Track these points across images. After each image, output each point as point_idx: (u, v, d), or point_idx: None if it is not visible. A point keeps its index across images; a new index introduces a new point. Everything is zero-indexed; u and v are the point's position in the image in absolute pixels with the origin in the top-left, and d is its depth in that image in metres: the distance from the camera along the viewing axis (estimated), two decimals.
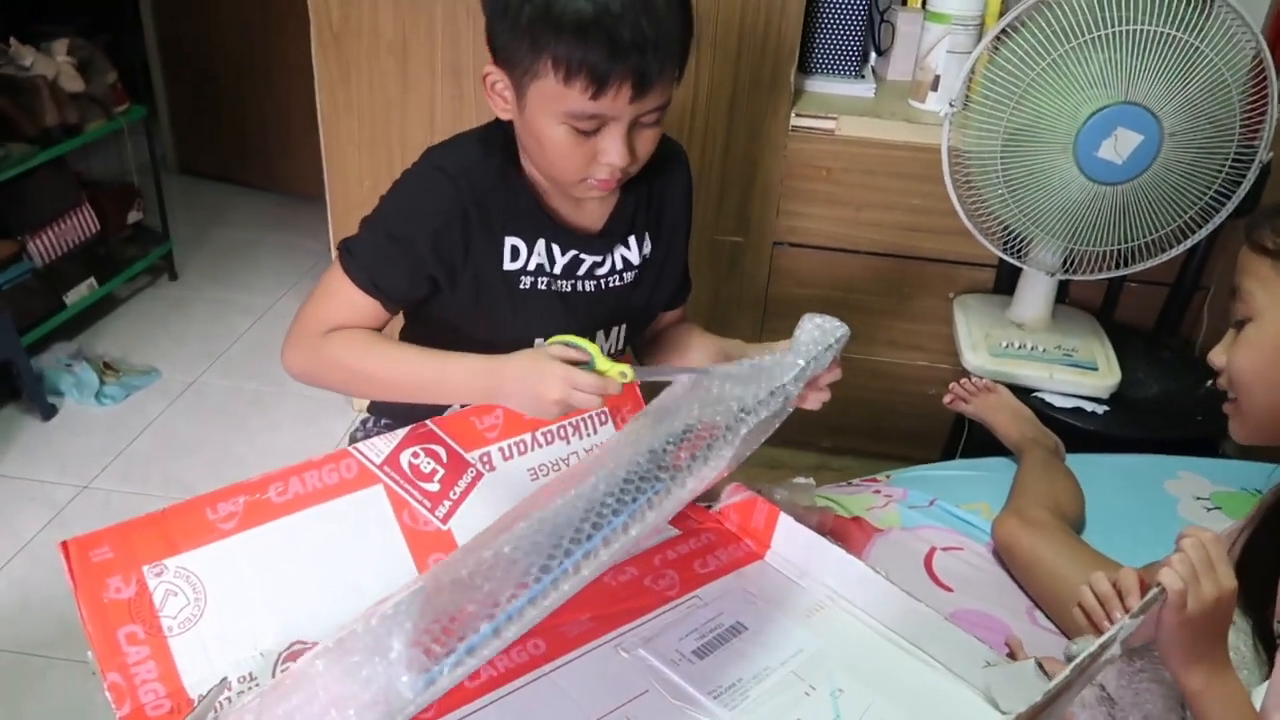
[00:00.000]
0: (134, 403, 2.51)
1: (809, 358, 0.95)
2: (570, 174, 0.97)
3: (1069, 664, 0.71)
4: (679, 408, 0.90)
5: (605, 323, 1.13)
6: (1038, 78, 1.47)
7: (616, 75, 0.88)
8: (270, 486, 0.94)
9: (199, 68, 3.65)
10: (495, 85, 0.97)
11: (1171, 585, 0.75)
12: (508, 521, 0.81)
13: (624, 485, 0.78)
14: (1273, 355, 0.86)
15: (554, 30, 0.87)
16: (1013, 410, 1.49)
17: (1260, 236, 0.88)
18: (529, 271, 1.05)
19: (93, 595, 0.86)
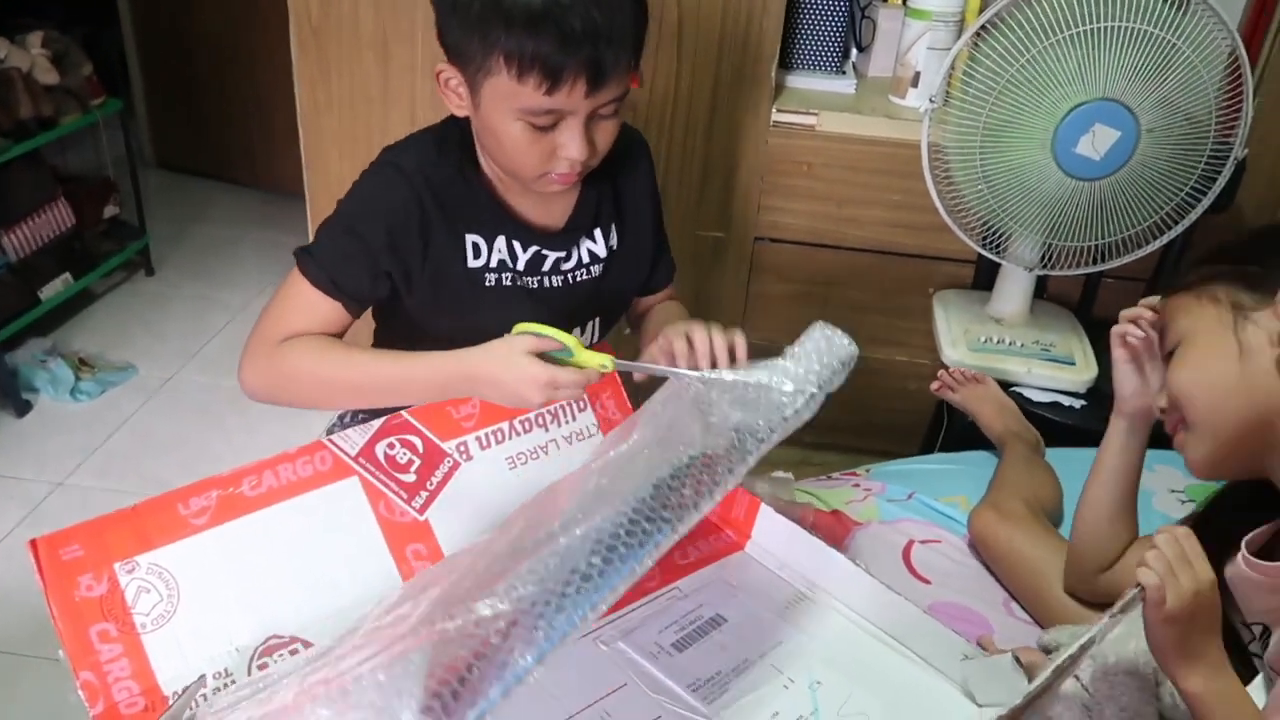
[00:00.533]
0: (110, 399, 2.49)
1: (821, 382, 0.95)
2: (529, 169, 0.97)
3: (1045, 655, 0.71)
4: (682, 429, 0.89)
5: (579, 317, 1.12)
6: (1017, 74, 1.47)
7: (570, 69, 0.87)
8: (243, 480, 0.93)
9: (177, 61, 3.61)
10: (449, 82, 0.96)
11: (1148, 582, 0.75)
12: (504, 546, 0.81)
13: (630, 526, 0.77)
14: (1207, 360, 0.88)
15: (504, 25, 0.86)
16: (998, 403, 1.50)
17: (1181, 283, 0.94)
18: (492, 268, 1.04)
19: (63, 594, 0.85)
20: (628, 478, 0.81)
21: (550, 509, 0.83)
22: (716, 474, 0.83)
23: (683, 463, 0.82)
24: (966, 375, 1.55)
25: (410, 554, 0.99)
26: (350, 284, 1.00)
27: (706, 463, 0.82)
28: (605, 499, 0.79)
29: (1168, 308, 0.95)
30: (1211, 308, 0.90)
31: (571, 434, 1.15)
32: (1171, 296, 0.95)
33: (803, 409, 0.92)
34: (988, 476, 1.32)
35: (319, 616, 0.91)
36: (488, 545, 0.84)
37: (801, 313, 2.11)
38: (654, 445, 0.87)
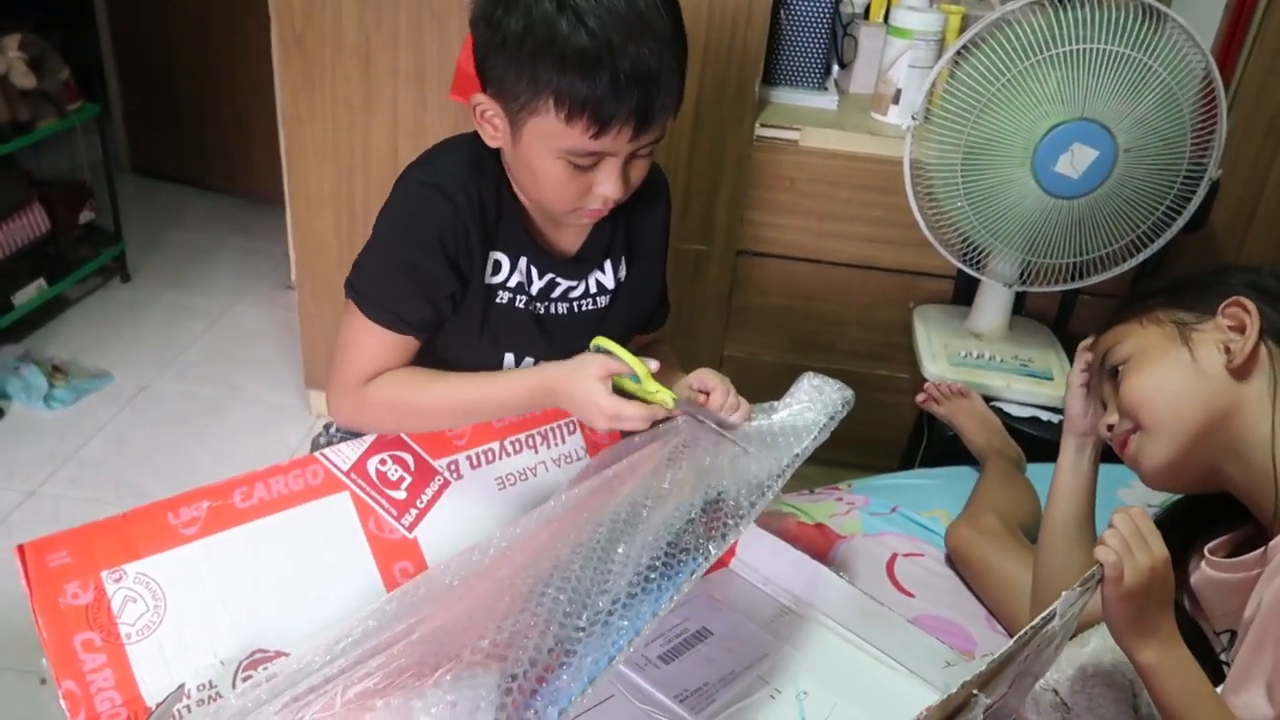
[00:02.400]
0: (84, 407, 2.46)
1: (818, 428, 1.00)
2: (563, 205, 0.96)
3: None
4: (698, 465, 0.92)
5: (578, 345, 1.10)
6: (997, 93, 1.50)
7: (620, 116, 0.87)
8: (235, 491, 0.93)
9: (155, 66, 3.58)
10: (486, 114, 0.95)
11: (1106, 559, 0.78)
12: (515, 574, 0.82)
13: (667, 556, 0.81)
14: (1161, 367, 0.91)
15: (556, 67, 0.85)
16: (982, 417, 1.52)
17: (1111, 319, 0.98)
18: (508, 288, 1.03)
19: (49, 601, 0.84)
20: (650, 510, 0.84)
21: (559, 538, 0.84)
22: (734, 519, 0.87)
23: (698, 503, 0.86)
24: (952, 388, 1.57)
25: (398, 571, 0.99)
26: (415, 315, 0.98)
27: (725, 508, 0.87)
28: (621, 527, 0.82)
29: (1107, 338, 0.98)
30: (1155, 327, 0.93)
31: (560, 456, 1.15)
32: (1109, 330, 0.98)
33: (802, 454, 0.98)
34: (969, 491, 1.33)
35: (305, 631, 0.91)
36: (491, 574, 0.84)
37: (783, 326, 2.14)
38: (668, 474, 0.90)
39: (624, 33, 0.85)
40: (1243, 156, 1.84)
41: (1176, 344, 0.91)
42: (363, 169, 2.08)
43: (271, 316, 2.92)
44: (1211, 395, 0.88)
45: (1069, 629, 0.87)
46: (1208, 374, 0.89)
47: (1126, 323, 0.96)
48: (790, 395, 1.05)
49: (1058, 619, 0.75)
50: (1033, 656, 0.81)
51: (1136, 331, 0.94)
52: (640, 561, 0.79)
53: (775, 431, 1.00)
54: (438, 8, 1.91)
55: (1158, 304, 0.95)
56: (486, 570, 0.86)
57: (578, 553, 0.81)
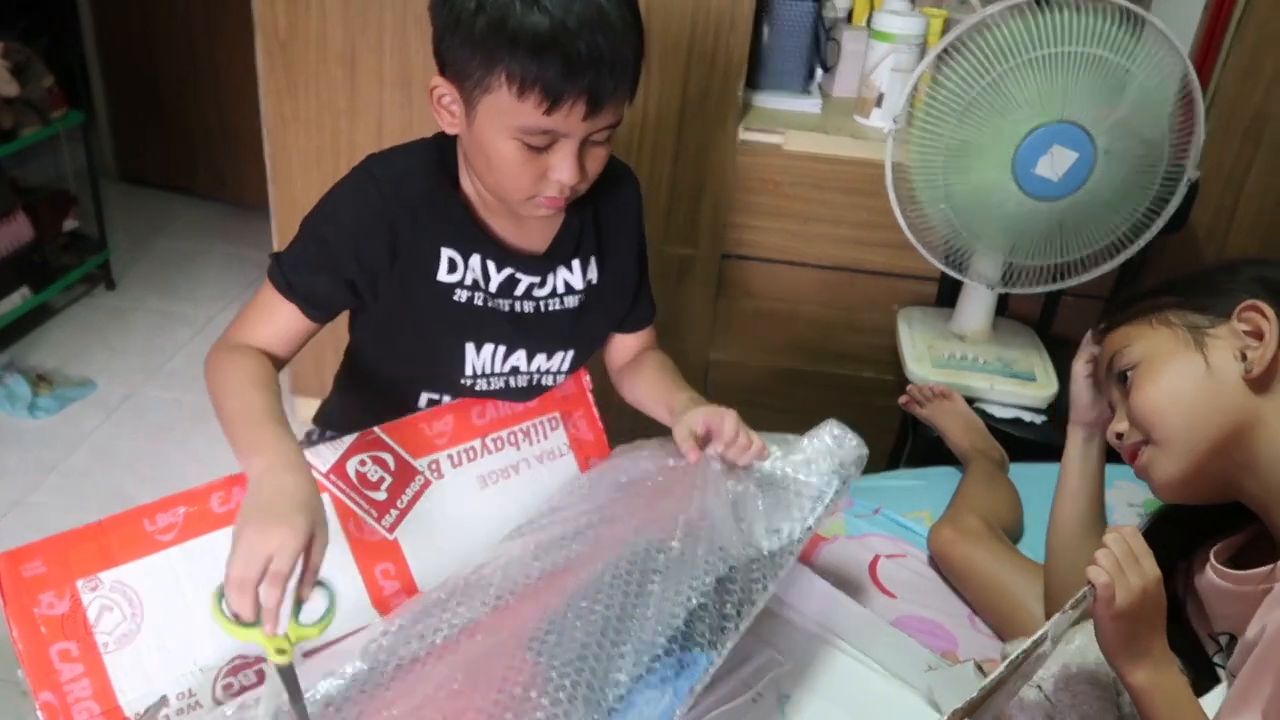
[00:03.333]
0: (69, 415, 2.45)
1: (831, 491, 1.00)
2: (519, 191, 0.96)
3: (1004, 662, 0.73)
4: (710, 522, 0.91)
5: (549, 346, 1.11)
6: (978, 96, 1.50)
7: (571, 92, 0.87)
8: (212, 496, 0.93)
9: (140, 73, 3.58)
10: (442, 99, 0.95)
11: (1098, 580, 0.78)
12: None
13: (680, 649, 0.82)
14: (1173, 375, 0.87)
15: (509, 44, 0.86)
16: (964, 418, 1.52)
17: (1119, 318, 0.94)
18: (464, 285, 1.04)
19: (23, 611, 0.84)
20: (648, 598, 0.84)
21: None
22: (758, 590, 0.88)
23: (722, 574, 0.87)
24: (934, 390, 1.57)
25: (379, 573, 0.99)
26: (308, 289, 0.99)
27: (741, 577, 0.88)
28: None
29: (1114, 338, 0.94)
30: (1166, 330, 0.89)
31: (543, 453, 1.15)
32: (1118, 328, 0.94)
33: (822, 516, 0.98)
34: (952, 492, 1.34)
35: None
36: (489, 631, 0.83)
37: (769, 329, 2.14)
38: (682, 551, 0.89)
39: (579, 17, 0.86)
40: (1222, 158, 1.85)
41: (1190, 350, 0.87)
42: None
43: None
44: (1228, 407, 0.84)
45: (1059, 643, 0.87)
46: (1223, 384, 0.85)
47: (1135, 323, 0.92)
48: (810, 438, 1.05)
49: (1049, 642, 0.76)
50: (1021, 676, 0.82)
51: (1146, 334, 0.90)
52: (651, 642, 0.80)
53: (787, 483, 0.99)
54: (421, 13, 1.90)
55: (1169, 304, 0.90)
56: (483, 626, 0.85)
57: (583, 626, 0.80)
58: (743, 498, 0.97)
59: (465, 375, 1.08)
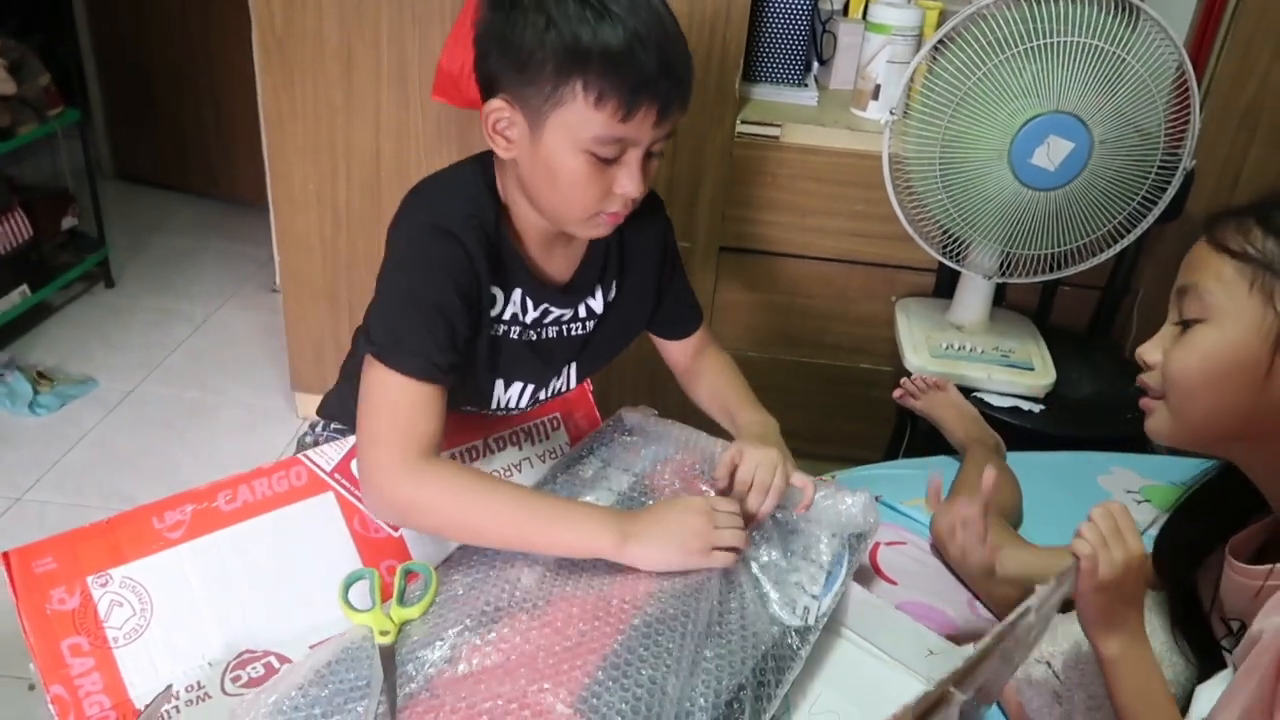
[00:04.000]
0: (69, 413, 2.45)
1: (842, 569, 1.00)
2: (584, 209, 0.95)
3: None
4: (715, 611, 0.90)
5: (559, 365, 1.11)
6: (974, 87, 1.51)
7: (645, 98, 0.88)
8: (219, 495, 0.93)
9: (136, 70, 3.57)
10: (498, 124, 0.93)
11: (1082, 552, 0.80)
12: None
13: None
14: (1226, 363, 0.79)
15: (584, 55, 0.86)
16: (959, 408, 1.53)
17: (1224, 236, 0.80)
18: (504, 320, 1.02)
19: (35, 607, 0.84)
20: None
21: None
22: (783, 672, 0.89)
23: (757, 659, 0.87)
24: (928, 382, 1.58)
25: (384, 570, 0.99)
26: (448, 360, 0.93)
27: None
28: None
29: (1201, 261, 0.82)
30: (1259, 306, 0.78)
31: (545, 452, 1.16)
32: (1213, 250, 0.81)
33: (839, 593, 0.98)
34: (950, 481, 1.35)
35: (293, 632, 0.92)
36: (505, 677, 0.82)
37: (767, 321, 2.15)
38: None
39: (647, 26, 0.87)
40: (1217, 147, 1.86)
41: (1264, 345, 0.77)
42: (345, 170, 2.08)
43: (256, 320, 2.91)
44: (1258, 415, 0.79)
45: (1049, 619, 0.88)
46: (1270, 396, 0.78)
47: (1245, 261, 0.78)
48: (833, 497, 1.05)
49: (1033, 614, 0.77)
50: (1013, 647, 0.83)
51: (1239, 292, 0.78)
52: None
53: (799, 549, 1.00)
54: (419, 9, 1.91)
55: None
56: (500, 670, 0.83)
57: (630, 696, 0.79)
58: (762, 554, 0.98)
59: (489, 408, 1.09)
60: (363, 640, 0.83)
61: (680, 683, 0.81)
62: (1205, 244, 0.82)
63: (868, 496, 1.06)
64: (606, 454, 1.11)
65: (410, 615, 0.87)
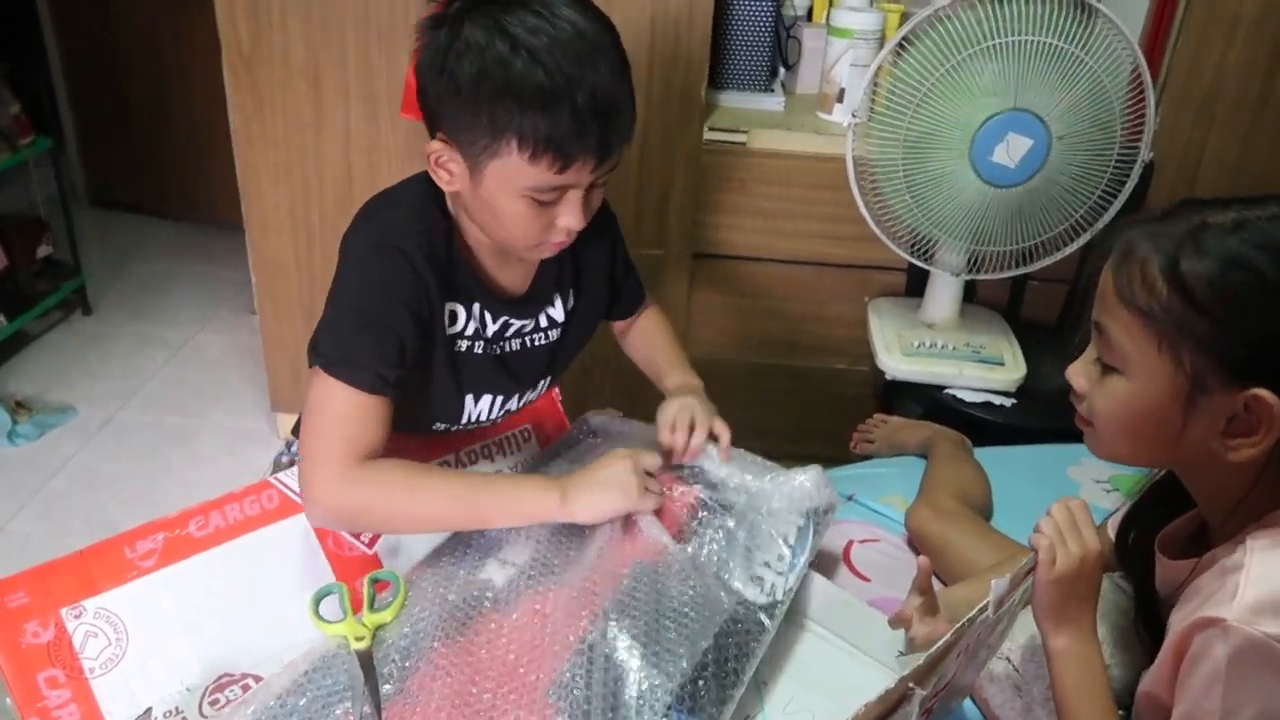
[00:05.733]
0: (49, 442, 2.45)
1: (810, 540, 1.03)
2: (526, 241, 0.97)
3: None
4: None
5: (533, 378, 1.13)
6: (934, 86, 1.53)
7: (582, 149, 0.88)
8: (190, 521, 0.94)
9: (109, 95, 3.56)
10: (441, 159, 0.94)
11: (1039, 544, 0.82)
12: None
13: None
14: (1142, 416, 0.80)
15: (517, 109, 0.85)
16: (908, 425, 1.58)
17: (1130, 289, 0.77)
18: (466, 336, 1.04)
19: (9, 641, 0.85)
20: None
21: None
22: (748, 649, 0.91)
23: (720, 627, 0.90)
24: (870, 424, 1.64)
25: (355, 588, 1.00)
26: (394, 374, 0.94)
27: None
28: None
29: (1108, 304, 0.80)
30: (1169, 366, 0.77)
31: (518, 463, 1.18)
32: (1118, 299, 0.79)
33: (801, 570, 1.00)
34: (920, 477, 1.36)
35: (270, 653, 0.92)
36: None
37: (743, 325, 2.16)
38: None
39: (578, 65, 0.85)
40: (1175, 139, 1.89)
41: (1175, 405, 0.77)
42: (318, 189, 2.09)
43: (235, 343, 2.91)
44: (1182, 454, 0.82)
45: (1014, 611, 0.90)
46: (1188, 444, 0.79)
47: (1143, 316, 0.76)
48: (789, 476, 1.08)
49: (991, 610, 0.78)
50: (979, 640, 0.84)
51: (1147, 351, 0.77)
52: (661, 698, 0.82)
53: (761, 524, 1.03)
54: (384, 26, 1.92)
55: (1191, 338, 0.75)
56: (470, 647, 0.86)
57: (599, 677, 0.82)
58: (722, 537, 1.00)
59: (460, 423, 1.10)
60: (338, 648, 0.84)
61: (643, 664, 0.83)
62: (1112, 287, 0.79)
63: (818, 471, 1.07)
64: (572, 455, 1.13)
65: (383, 619, 0.89)
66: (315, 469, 0.92)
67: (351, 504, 0.92)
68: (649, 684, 0.82)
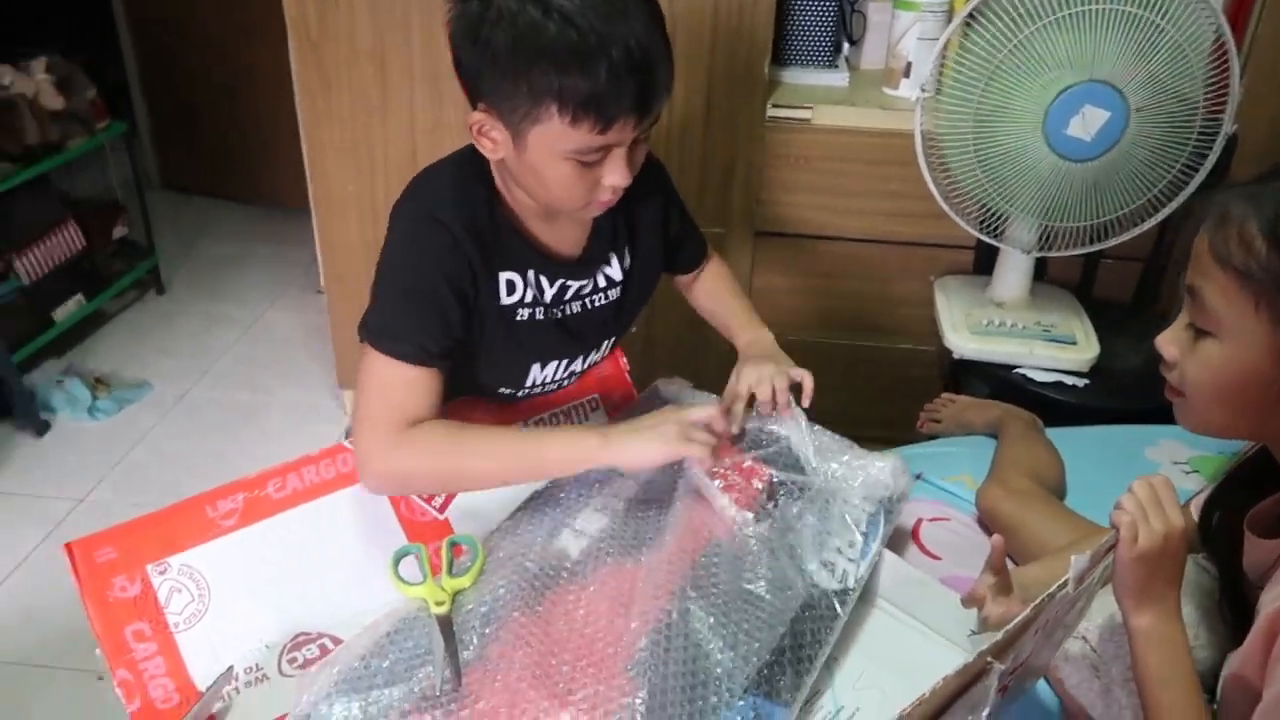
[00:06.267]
0: (126, 416, 2.53)
1: (881, 526, 1.02)
2: (573, 202, 0.97)
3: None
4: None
5: (596, 340, 1.13)
6: (1005, 59, 1.50)
7: (622, 108, 0.88)
8: (269, 483, 0.96)
9: (179, 83, 3.66)
10: (483, 129, 0.94)
11: (1121, 521, 0.79)
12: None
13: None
14: (1238, 381, 0.78)
15: (554, 73, 0.84)
16: (976, 405, 1.54)
17: (1226, 247, 0.76)
18: (525, 304, 1.04)
19: (98, 595, 0.88)
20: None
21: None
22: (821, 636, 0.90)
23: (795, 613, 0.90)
24: (937, 404, 1.60)
25: (432, 552, 1.02)
26: (439, 345, 0.96)
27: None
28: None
29: (1203, 267, 0.78)
30: (1267, 327, 0.75)
31: None
32: (1214, 261, 0.77)
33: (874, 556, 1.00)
34: (990, 456, 1.34)
35: (345, 614, 0.94)
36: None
37: (805, 304, 2.14)
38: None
39: (609, 22, 0.84)
40: (1261, 110, 1.81)
41: (1275, 367, 0.76)
42: (383, 169, 2.12)
43: (302, 321, 2.97)
44: (1276, 425, 0.79)
45: (1092, 590, 0.88)
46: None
47: (1248, 280, 0.75)
48: (870, 460, 1.08)
49: (1071, 586, 0.77)
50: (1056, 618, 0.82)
51: (1246, 312, 0.75)
52: (737, 680, 0.82)
53: (835, 508, 1.02)
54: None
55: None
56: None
57: (678, 656, 0.82)
58: (796, 519, 0.99)
59: (525, 387, 1.11)
60: (418, 611, 0.85)
61: (723, 646, 0.83)
62: (1207, 249, 0.78)
63: (898, 459, 1.06)
64: None
65: (462, 585, 0.89)
66: (363, 438, 0.94)
67: (400, 468, 0.94)
68: (725, 668, 0.82)
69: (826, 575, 0.96)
